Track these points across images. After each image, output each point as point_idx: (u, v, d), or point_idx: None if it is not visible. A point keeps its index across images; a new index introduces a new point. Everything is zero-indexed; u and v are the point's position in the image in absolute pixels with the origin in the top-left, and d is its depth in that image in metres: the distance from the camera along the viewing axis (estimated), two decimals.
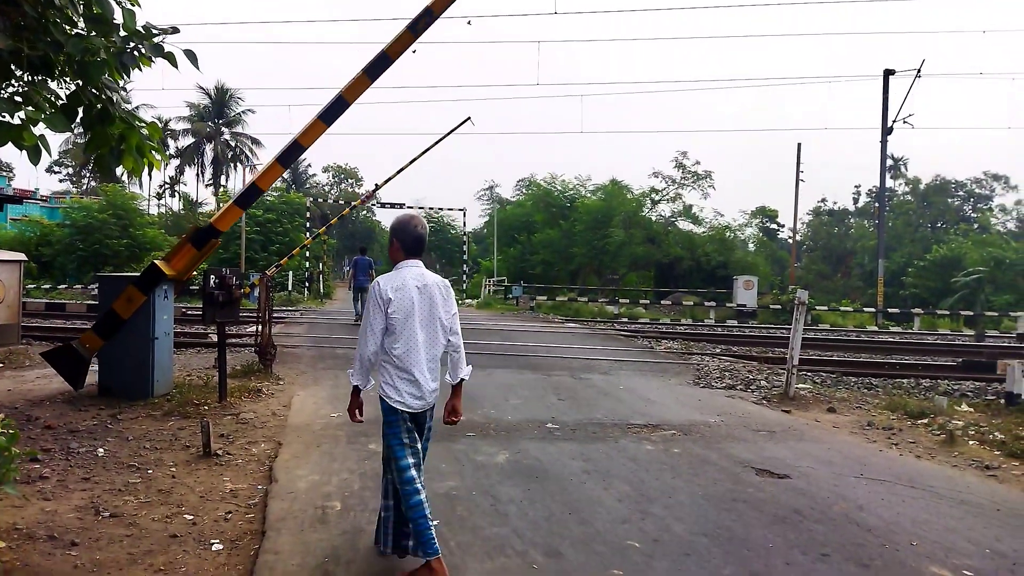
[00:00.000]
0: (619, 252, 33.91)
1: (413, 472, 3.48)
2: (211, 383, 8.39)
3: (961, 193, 55.50)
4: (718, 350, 14.57)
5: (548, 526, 4.22)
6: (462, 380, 3.81)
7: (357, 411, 3.70)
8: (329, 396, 8.19)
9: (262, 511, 4.44)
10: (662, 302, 31.79)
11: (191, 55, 4.20)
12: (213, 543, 3.92)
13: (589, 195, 38.08)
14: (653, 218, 36.61)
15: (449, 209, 37.50)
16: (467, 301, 31.70)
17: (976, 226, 51.75)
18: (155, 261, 7.71)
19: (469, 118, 12.34)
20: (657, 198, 36.34)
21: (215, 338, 13.02)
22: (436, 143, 12.19)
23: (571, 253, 35.64)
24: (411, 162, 12.27)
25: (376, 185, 19.90)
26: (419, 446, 3.63)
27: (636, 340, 15.99)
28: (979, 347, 16.36)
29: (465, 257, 36.28)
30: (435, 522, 4.18)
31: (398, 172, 13.55)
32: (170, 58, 4.22)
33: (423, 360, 3.57)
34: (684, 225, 37.24)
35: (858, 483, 5.37)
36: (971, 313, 29.97)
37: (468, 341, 14.03)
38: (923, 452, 6.49)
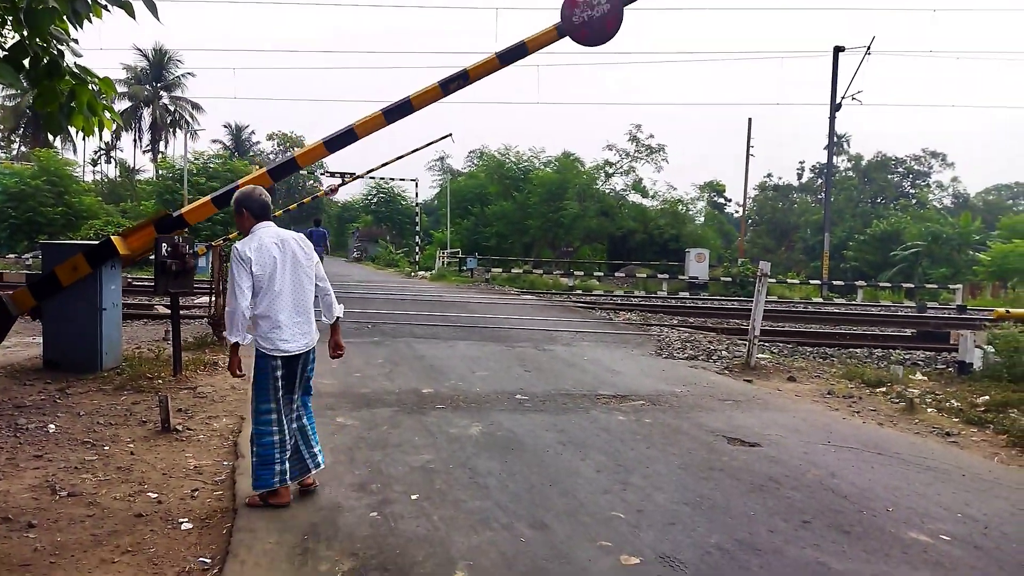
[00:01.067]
0: (573, 225, 33.98)
1: (272, 416, 3.91)
2: (163, 356, 8.07)
3: (901, 169, 57.21)
4: (675, 321, 14.74)
5: (530, 498, 4.15)
6: (338, 319, 4.34)
7: (238, 368, 3.97)
8: None
9: (231, 488, 4.26)
10: (616, 274, 32.04)
11: (151, 4, 3.89)
12: (182, 522, 3.74)
13: (543, 167, 37.94)
14: (607, 191, 36.73)
15: (400, 179, 36.92)
16: (421, 273, 31.39)
17: (915, 202, 53.53)
18: (112, 236, 7.34)
19: (451, 134, 11.88)
20: (611, 171, 36.43)
21: (163, 309, 12.57)
22: (413, 152, 11.69)
23: (525, 225, 35.55)
24: (382, 165, 11.81)
25: (342, 180, 19.49)
26: (287, 396, 3.99)
27: (594, 312, 16.05)
28: (923, 318, 16.94)
29: (417, 228, 35.84)
30: (415, 496, 4.11)
31: (367, 173, 13.11)
32: (127, 7, 3.91)
33: (290, 308, 3.91)
34: (636, 198, 37.50)
35: (827, 450, 5.46)
36: (911, 285, 31.11)
37: (428, 313, 13.75)
38: (885, 420, 6.66)
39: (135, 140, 58.64)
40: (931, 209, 49.92)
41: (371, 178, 47.87)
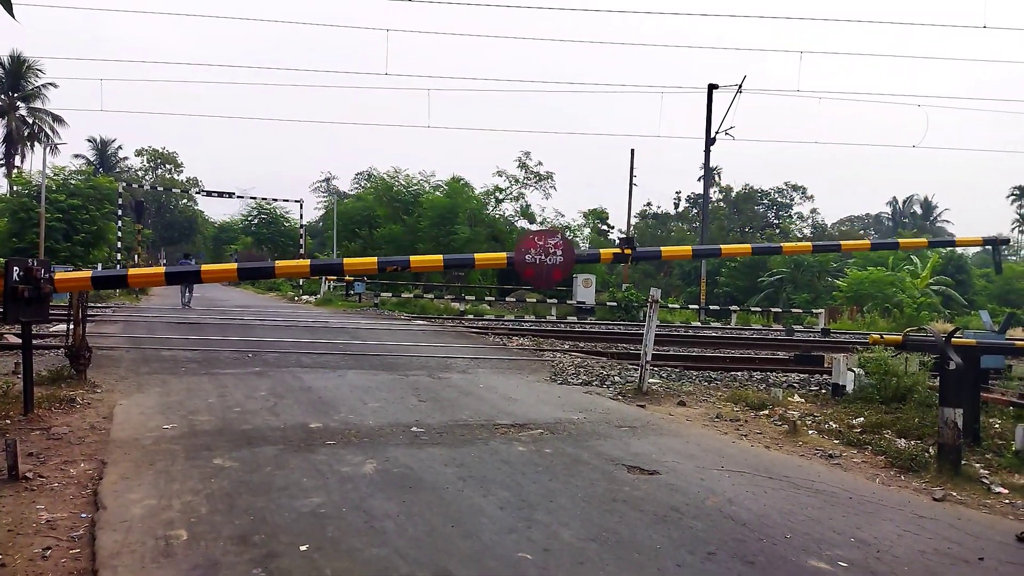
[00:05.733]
0: (464, 249, 33.89)
1: None
2: (12, 392, 7.19)
3: (766, 201, 61.12)
4: (567, 346, 14.85)
5: (432, 542, 3.90)
6: None
7: None
8: (159, 404, 7.30)
9: (90, 545, 3.74)
10: (506, 299, 32.18)
11: (5, 2, 3.42)
12: None
13: (433, 191, 37.78)
14: (497, 216, 37.01)
15: (284, 200, 35.71)
16: (305, 298, 30.30)
17: (779, 231, 57.30)
18: None
19: None
20: (501, 197, 36.78)
21: (14, 339, 11.32)
22: None
23: (415, 249, 35.13)
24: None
25: None
26: None
27: (487, 337, 15.93)
28: (793, 341, 17.99)
29: (302, 251, 34.64)
30: (304, 547, 3.76)
31: None
32: None
33: None
34: (525, 224, 38.00)
35: (722, 476, 5.53)
36: (778, 310, 33.12)
37: (315, 340, 13.14)
38: (771, 443, 6.87)
39: None
40: (794, 238, 53.62)
41: (251, 198, 46.06)
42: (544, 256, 6.98)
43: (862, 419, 7.59)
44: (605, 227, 59.79)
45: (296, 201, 34.89)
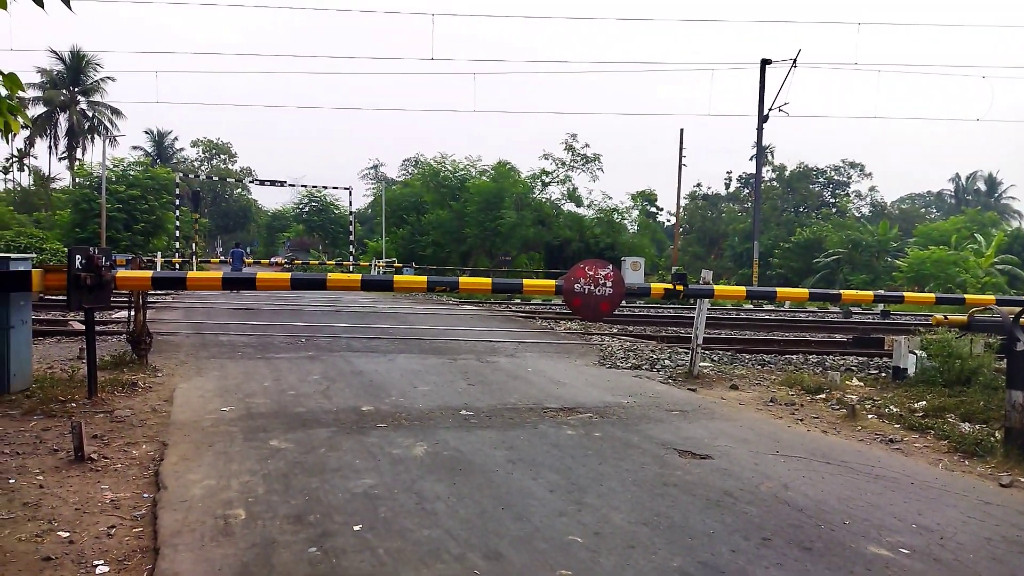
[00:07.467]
0: (511, 234, 33.89)
1: None
2: (77, 376, 7.48)
3: (821, 179, 59.35)
4: (615, 330, 14.73)
5: (482, 524, 3.92)
6: None
7: None
8: (217, 388, 7.50)
9: (152, 524, 3.87)
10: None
11: None
12: (97, 564, 3.36)
13: (480, 176, 37.79)
14: (543, 200, 36.85)
15: (334, 188, 36.22)
16: None
17: (835, 210, 55.64)
18: (32, 268, 6.69)
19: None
20: (547, 180, 36.57)
21: (78, 325, 11.78)
22: None
23: (463, 234, 35.28)
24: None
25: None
26: None
27: (534, 321, 15.93)
28: (851, 323, 17.49)
29: (352, 238, 35.12)
30: (357, 527, 3.82)
31: None
32: None
33: None
34: (572, 207, 37.74)
35: (776, 460, 5.41)
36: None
37: (365, 325, 13.31)
38: (828, 427, 6.69)
39: (50, 147, 55.78)
40: (851, 217, 52.08)
41: (303, 186, 46.87)
42: (593, 287, 6.94)
43: (924, 403, 7.33)
44: (654, 209, 58.88)
45: (345, 188, 35.41)
